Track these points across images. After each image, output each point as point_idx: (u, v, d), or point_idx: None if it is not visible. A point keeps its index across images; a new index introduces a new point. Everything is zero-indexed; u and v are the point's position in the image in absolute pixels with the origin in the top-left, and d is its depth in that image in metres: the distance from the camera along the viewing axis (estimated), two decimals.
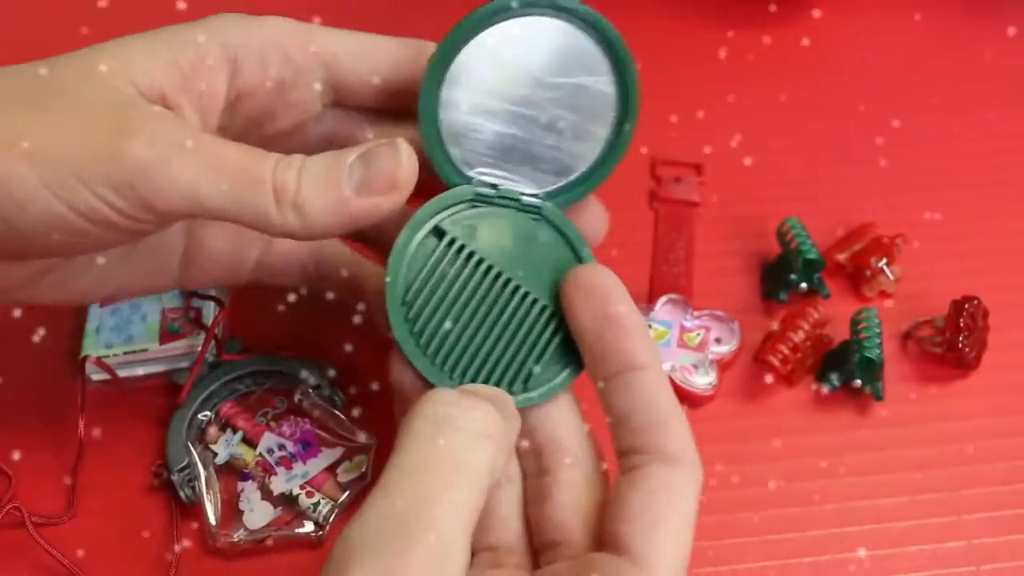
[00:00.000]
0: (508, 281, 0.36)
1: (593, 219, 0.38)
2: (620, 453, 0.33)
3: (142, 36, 0.35)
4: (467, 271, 0.36)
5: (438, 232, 0.36)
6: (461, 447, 0.30)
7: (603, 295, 0.34)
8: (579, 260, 0.36)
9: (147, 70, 0.34)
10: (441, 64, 0.35)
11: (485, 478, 0.30)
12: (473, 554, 0.34)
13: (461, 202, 0.36)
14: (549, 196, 0.37)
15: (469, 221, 0.36)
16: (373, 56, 0.37)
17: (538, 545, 0.34)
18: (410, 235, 0.35)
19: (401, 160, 0.34)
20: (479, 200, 0.36)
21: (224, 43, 0.35)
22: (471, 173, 0.36)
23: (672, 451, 0.32)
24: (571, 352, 0.35)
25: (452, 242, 0.36)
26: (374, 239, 0.40)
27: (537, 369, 0.35)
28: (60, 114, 0.32)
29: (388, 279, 0.35)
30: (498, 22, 0.35)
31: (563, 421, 0.35)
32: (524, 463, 0.36)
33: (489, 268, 0.36)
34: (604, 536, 0.32)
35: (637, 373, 0.33)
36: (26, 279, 0.37)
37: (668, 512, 0.31)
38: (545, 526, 0.34)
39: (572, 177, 0.37)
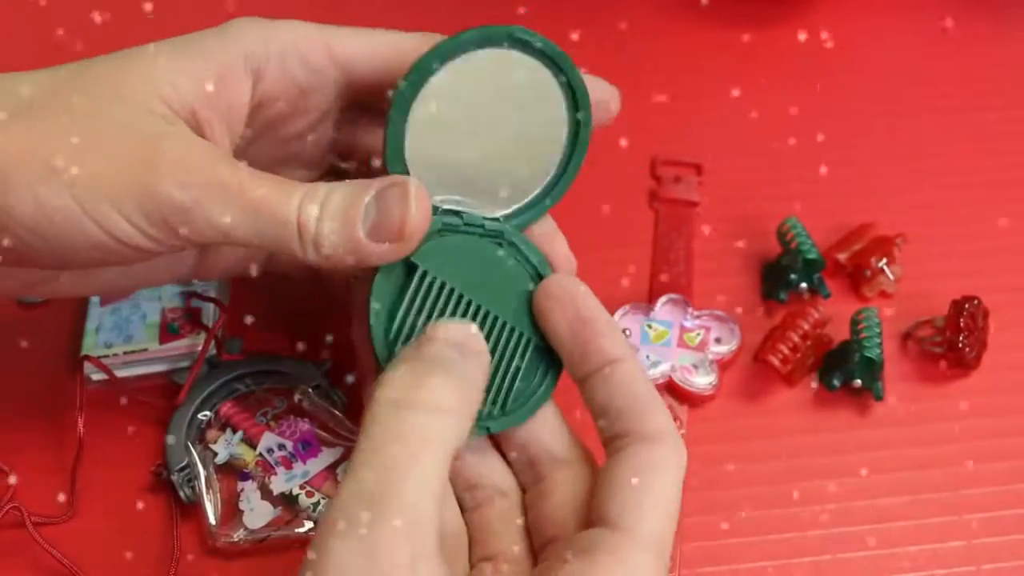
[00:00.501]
0: (479, 308, 0.36)
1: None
2: (605, 443, 0.34)
3: (166, 47, 0.35)
4: (440, 302, 0.36)
5: (409, 266, 0.36)
6: (421, 424, 0.31)
7: (573, 299, 0.36)
8: (542, 280, 0.37)
9: (175, 84, 0.34)
10: (407, 99, 0.35)
11: (450, 447, 0.31)
12: (472, 567, 0.35)
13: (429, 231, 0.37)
14: (510, 218, 0.38)
15: (438, 251, 0.37)
16: (389, 54, 0.38)
17: (537, 547, 0.35)
18: (386, 270, 0.36)
19: (410, 210, 0.34)
20: (446, 230, 0.37)
21: (246, 53, 0.36)
22: (435, 201, 0.37)
23: (651, 431, 0.33)
24: (545, 370, 0.37)
25: (424, 275, 0.36)
26: None
27: (516, 390, 0.36)
28: (95, 138, 0.33)
29: (374, 306, 0.36)
30: (459, 55, 0.36)
31: (548, 430, 0.37)
32: (521, 477, 0.37)
33: (460, 297, 0.36)
34: (592, 517, 0.33)
35: (615, 366, 0.34)
36: (49, 276, 0.38)
37: (651, 487, 0.32)
38: (543, 525, 0.35)
39: (531, 197, 0.38)
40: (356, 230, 0.34)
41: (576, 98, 0.37)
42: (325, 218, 0.34)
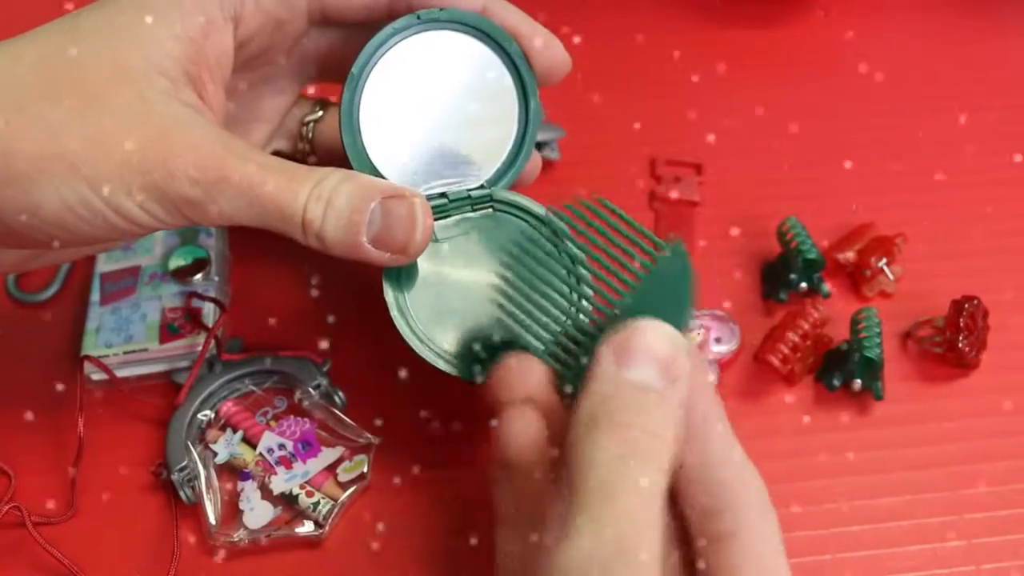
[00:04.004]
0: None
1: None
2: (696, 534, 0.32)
3: (146, 6, 0.35)
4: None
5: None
6: (647, 481, 0.29)
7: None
8: (541, 222, 0.40)
9: (169, 53, 0.35)
10: (352, 109, 0.39)
11: (666, 469, 0.30)
12: None
13: None
14: (492, 182, 0.41)
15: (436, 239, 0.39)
16: None
17: None
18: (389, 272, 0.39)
19: (416, 228, 0.36)
20: (437, 215, 0.39)
21: (221, 0, 0.37)
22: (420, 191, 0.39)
23: (730, 525, 0.31)
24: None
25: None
26: None
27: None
28: (107, 130, 0.33)
29: (392, 308, 0.38)
30: (391, 48, 0.39)
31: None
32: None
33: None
34: None
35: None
36: (45, 250, 0.38)
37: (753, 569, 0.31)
38: None
39: (504, 158, 0.41)
40: (359, 236, 0.36)
41: (508, 53, 0.40)
42: (329, 219, 0.35)
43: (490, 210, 0.40)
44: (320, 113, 0.45)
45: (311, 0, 0.39)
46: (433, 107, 0.40)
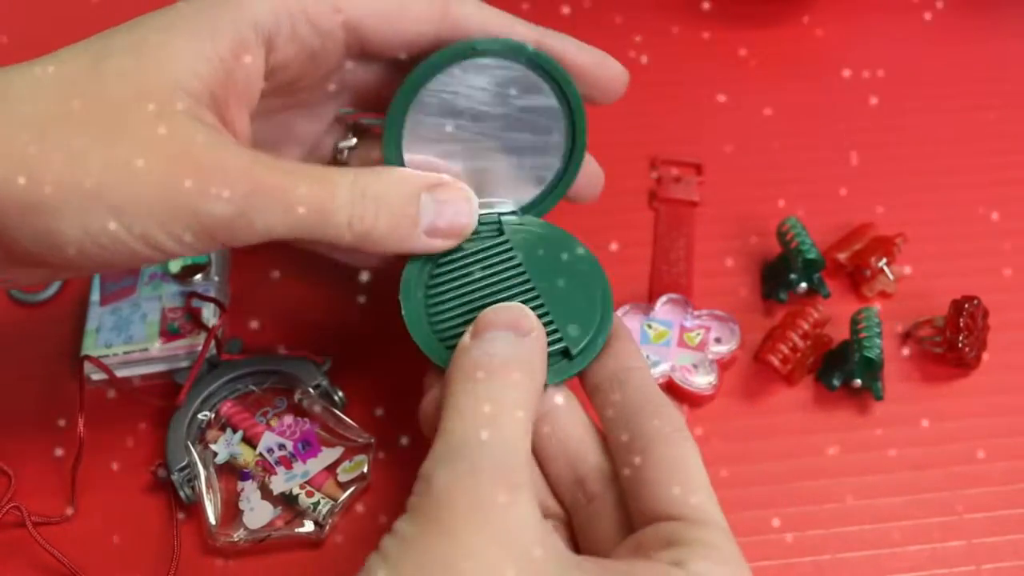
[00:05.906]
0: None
1: (589, 178, 0.42)
2: (619, 447, 0.35)
3: (178, 26, 0.35)
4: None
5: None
6: (498, 389, 0.33)
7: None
8: (574, 253, 0.39)
9: (196, 72, 0.34)
10: (397, 128, 0.39)
11: (528, 410, 0.33)
12: None
13: None
14: (526, 209, 0.41)
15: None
16: (398, 16, 0.38)
17: None
18: (415, 264, 0.39)
19: (471, 211, 0.38)
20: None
21: (256, 22, 0.36)
22: None
23: (669, 432, 0.35)
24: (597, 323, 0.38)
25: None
26: None
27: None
28: (130, 155, 0.32)
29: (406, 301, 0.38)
30: (437, 74, 0.38)
31: (595, 446, 0.37)
32: (567, 498, 0.37)
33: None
34: (646, 517, 0.33)
35: (630, 372, 0.36)
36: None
37: (696, 479, 0.34)
38: (595, 544, 0.36)
39: (543, 187, 0.41)
40: (416, 227, 0.36)
41: (561, 85, 0.39)
42: (382, 216, 0.36)
43: (522, 234, 0.40)
44: (354, 141, 0.44)
45: (350, 34, 0.38)
46: (476, 134, 0.39)
